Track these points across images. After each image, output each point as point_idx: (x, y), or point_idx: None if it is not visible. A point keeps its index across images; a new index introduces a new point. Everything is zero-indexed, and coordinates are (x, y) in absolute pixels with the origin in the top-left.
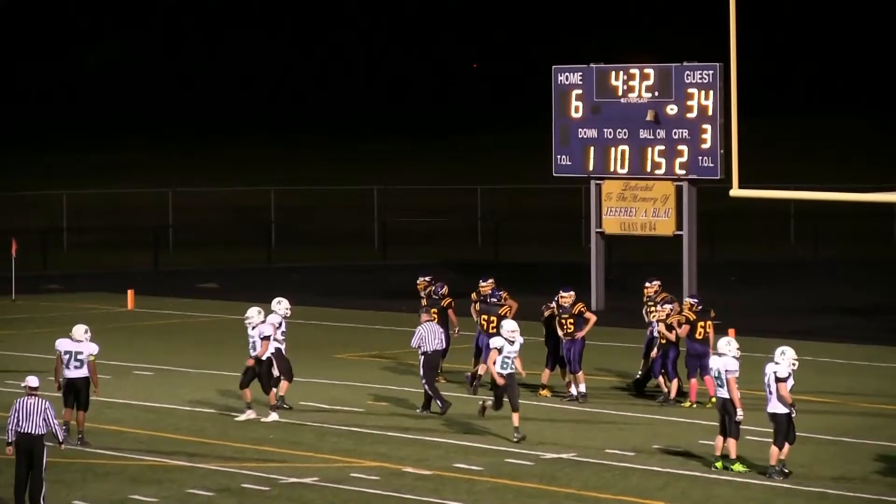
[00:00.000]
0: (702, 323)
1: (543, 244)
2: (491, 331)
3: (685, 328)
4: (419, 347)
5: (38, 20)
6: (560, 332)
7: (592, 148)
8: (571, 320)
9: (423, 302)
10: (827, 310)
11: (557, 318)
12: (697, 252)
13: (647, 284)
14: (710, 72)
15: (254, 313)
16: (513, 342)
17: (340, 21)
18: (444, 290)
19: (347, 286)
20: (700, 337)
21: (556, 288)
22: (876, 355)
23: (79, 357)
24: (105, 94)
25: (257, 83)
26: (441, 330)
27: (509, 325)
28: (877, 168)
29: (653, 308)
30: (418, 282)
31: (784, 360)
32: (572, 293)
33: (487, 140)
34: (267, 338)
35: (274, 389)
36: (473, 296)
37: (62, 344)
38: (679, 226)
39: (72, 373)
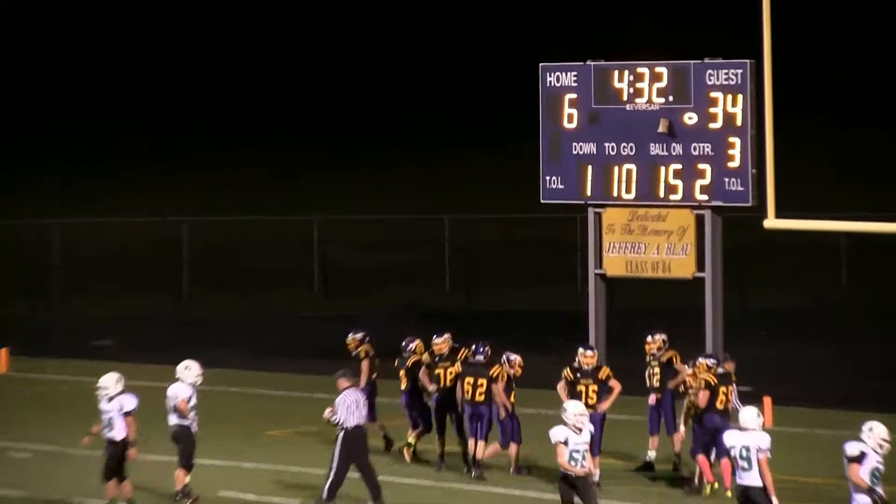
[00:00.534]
0: (723, 389)
1: (528, 288)
2: (478, 398)
3: (704, 395)
4: (339, 422)
5: None
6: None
7: (590, 167)
8: (595, 387)
9: (364, 367)
10: (890, 373)
11: (573, 383)
12: (723, 298)
13: (649, 339)
14: (739, 71)
15: (110, 381)
16: (580, 430)
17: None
18: (416, 344)
19: (280, 341)
20: (721, 407)
21: (543, 343)
22: None
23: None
24: None
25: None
26: (364, 397)
27: (575, 408)
28: None
29: (656, 368)
30: (348, 340)
31: (869, 437)
32: (595, 352)
33: (458, 156)
34: (130, 413)
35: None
36: (425, 357)
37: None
38: (700, 266)
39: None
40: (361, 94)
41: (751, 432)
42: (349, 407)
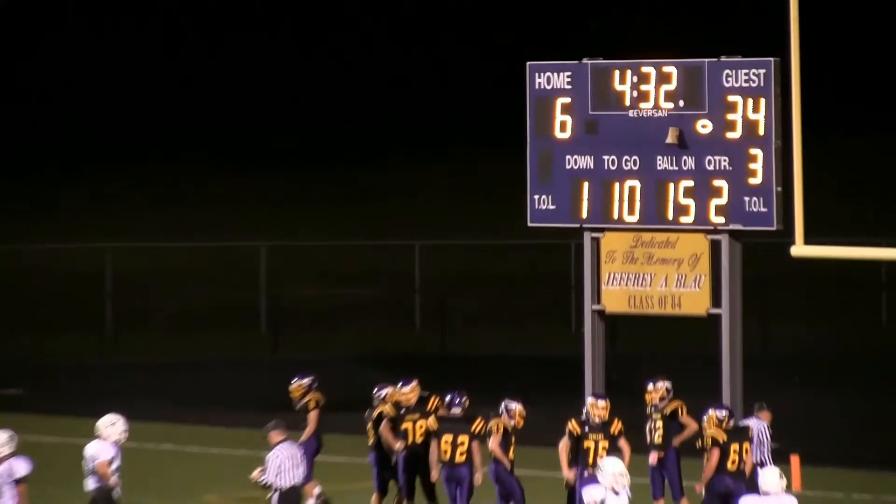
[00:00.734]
0: (735, 447)
1: (513, 328)
2: (459, 459)
3: (715, 454)
4: (270, 484)
5: None
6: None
7: (587, 184)
8: (605, 444)
9: (312, 418)
10: None
11: (580, 438)
12: (743, 338)
13: (650, 387)
14: (762, 71)
15: (2, 439)
16: (618, 492)
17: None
18: (388, 392)
19: (221, 391)
20: (733, 468)
21: (532, 392)
22: None
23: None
24: None
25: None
26: (301, 453)
27: (614, 466)
28: None
29: (658, 422)
30: (292, 387)
31: None
32: (608, 403)
33: (430, 171)
34: (22, 480)
35: None
36: (387, 409)
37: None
38: (716, 300)
39: None
40: (314, 101)
41: (773, 497)
42: (282, 465)
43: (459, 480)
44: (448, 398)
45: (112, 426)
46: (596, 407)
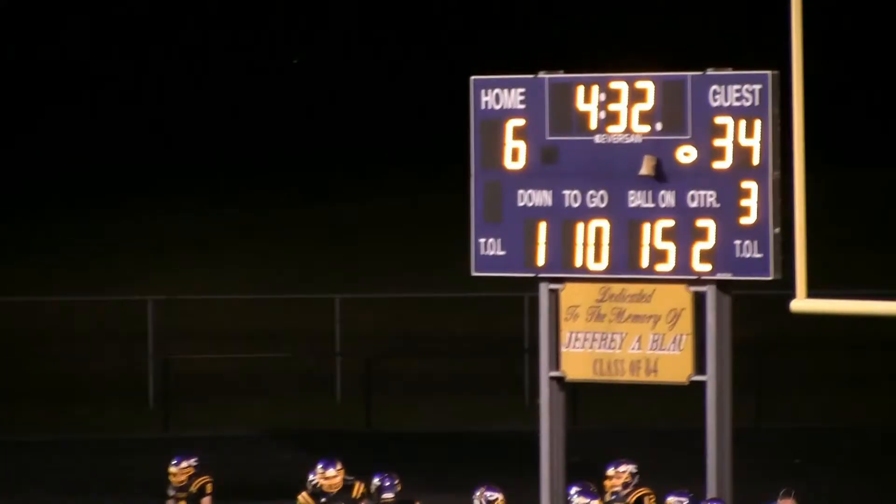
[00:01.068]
0: None
1: (454, 398)
2: None
3: None
4: None
5: None
6: None
7: (544, 224)
8: None
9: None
10: None
11: None
12: (732, 410)
13: (611, 471)
14: (757, 87)
15: None
16: None
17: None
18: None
19: (101, 476)
20: None
21: (477, 477)
22: None
23: None
24: None
25: None
26: None
27: None
28: None
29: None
30: (174, 469)
31: None
32: (630, 468)
33: (355, 210)
34: None
35: None
36: (303, 498)
37: None
38: (700, 365)
39: None
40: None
41: None
42: None
43: None
44: (377, 482)
45: None
46: (611, 478)
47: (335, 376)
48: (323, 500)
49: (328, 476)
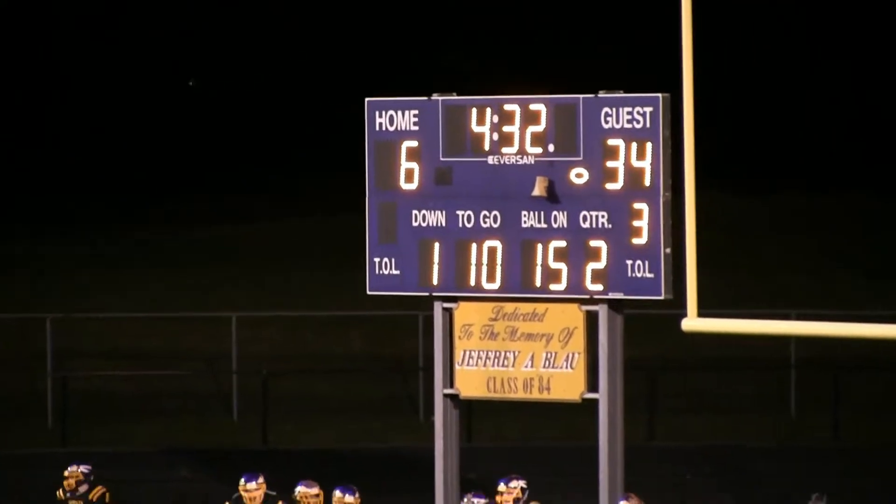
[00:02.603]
0: None
1: (349, 416)
2: None
3: None
4: None
5: None
6: None
7: (438, 244)
8: None
9: None
10: None
11: None
12: (625, 428)
13: (502, 486)
14: (649, 109)
15: None
16: None
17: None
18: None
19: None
20: None
21: (372, 493)
22: None
23: None
24: None
25: None
26: None
27: None
28: None
29: None
30: (67, 473)
31: None
32: (520, 484)
33: (250, 227)
34: None
35: None
36: None
37: None
38: (593, 383)
39: None
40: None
41: None
42: None
43: None
44: (339, 493)
45: None
46: (501, 494)
47: (231, 395)
48: None
49: (248, 489)
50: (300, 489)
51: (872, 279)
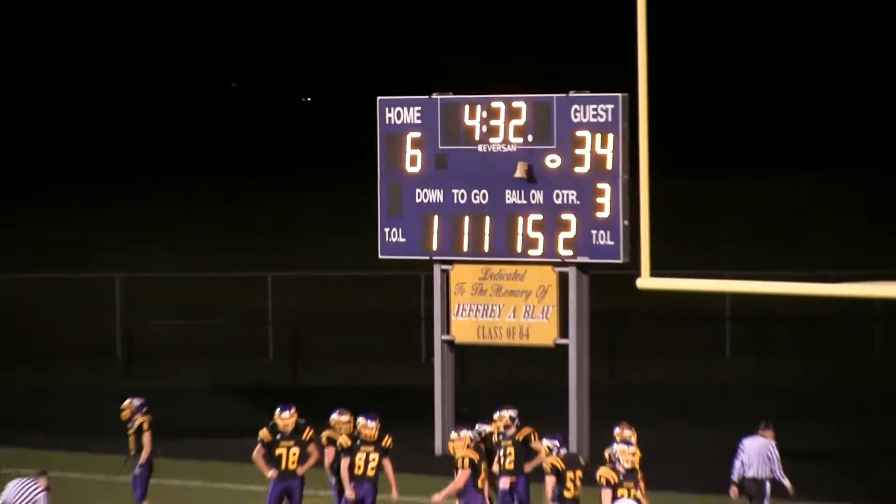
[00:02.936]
0: (571, 475)
1: (364, 359)
2: (370, 473)
3: (550, 482)
4: None
5: None
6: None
7: (436, 217)
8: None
9: (147, 440)
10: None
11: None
12: (590, 370)
13: (496, 416)
14: (610, 106)
15: None
16: None
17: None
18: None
19: (78, 421)
20: (570, 496)
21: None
22: None
23: None
24: None
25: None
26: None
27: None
28: (851, 250)
29: (509, 448)
30: (123, 405)
31: None
32: (510, 413)
33: (283, 201)
34: None
35: None
36: (264, 433)
37: None
38: (563, 331)
39: None
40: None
41: None
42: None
43: (367, 493)
44: (361, 420)
45: None
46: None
47: (267, 342)
48: (278, 436)
49: (283, 418)
50: (334, 417)
51: (795, 251)
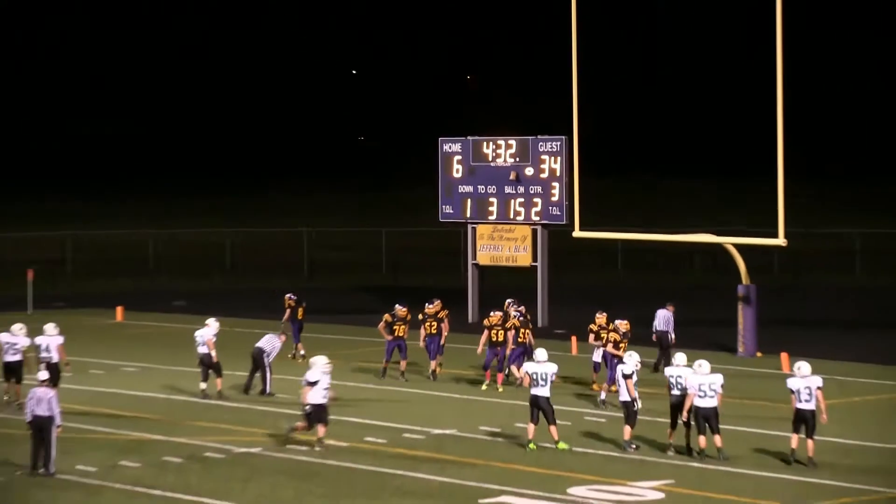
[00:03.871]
0: (524, 330)
1: (432, 273)
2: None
3: (511, 334)
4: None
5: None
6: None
7: (469, 200)
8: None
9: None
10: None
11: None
12: (549, 278)
13: (509, 306)
14: (558, 143)
15: (15, 328)
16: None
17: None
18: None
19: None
20: (523, 340)
21: (447, 304)
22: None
23: (14, 347)
24: (95, 159)
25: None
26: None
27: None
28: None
29: (612, 332)
30: (287, 297)
31: (630, 360)
32: (520, 308)
33: (389, 193)
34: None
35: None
36: (387, 316)
37: (2, 336)
38: (535, 258)
39: (9, 357)
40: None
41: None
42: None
43: (428, 344)
44: (509, 302)
45: (213, 322)
46: (428, 307)
47: (383, 262)
48: (397, 320)
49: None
50: (398, 307)
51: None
